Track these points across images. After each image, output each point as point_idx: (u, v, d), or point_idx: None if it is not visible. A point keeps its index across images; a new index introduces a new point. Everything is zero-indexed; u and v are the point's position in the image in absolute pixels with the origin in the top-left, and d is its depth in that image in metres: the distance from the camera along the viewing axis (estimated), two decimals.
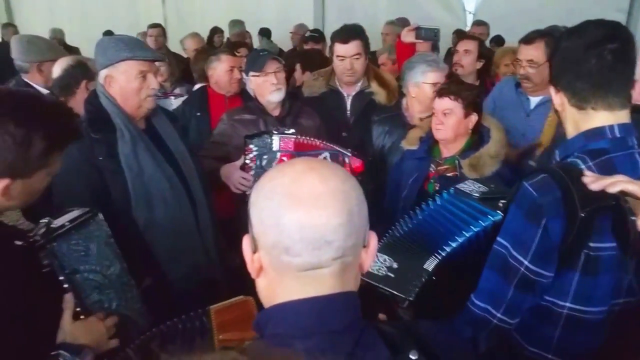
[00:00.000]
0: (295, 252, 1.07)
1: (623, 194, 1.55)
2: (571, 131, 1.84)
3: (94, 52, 2.72)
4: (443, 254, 2.21)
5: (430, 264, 2.21)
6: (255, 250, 1.15)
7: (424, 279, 2.16)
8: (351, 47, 3.78)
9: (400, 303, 2.16)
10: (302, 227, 1.06)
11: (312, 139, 3.00)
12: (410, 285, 2.16)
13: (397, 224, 2.55)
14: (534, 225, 1.69)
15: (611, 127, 1.74)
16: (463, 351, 1.30)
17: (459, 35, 7.43)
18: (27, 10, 10.76)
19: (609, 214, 1.64)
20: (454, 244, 2.20)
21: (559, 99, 1.85)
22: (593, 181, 1.59)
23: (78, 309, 1.88)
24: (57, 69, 3.63)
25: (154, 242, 2.68)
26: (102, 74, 2.67)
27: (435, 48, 5.40)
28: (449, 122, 2.90)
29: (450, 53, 5.89)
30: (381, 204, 3.23)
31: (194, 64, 5.23)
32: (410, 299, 2.13)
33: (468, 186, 2.38)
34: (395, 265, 2.26)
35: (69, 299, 1.85)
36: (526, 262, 1.73)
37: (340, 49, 3.80)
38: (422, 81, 3.32)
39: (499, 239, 1.83)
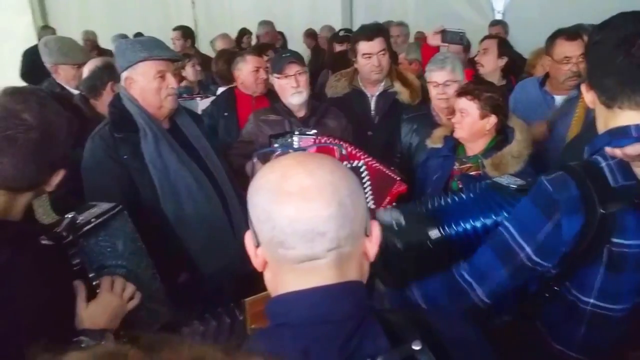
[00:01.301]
0: (289, 245, 1.10)
1: None
2: (601, 128, 1.80)
3: None
4: (449, 232, 2.15)
5: (434, 234, 2.16)
6: (257, 245, 1.18)
7: (422, 239, 2.12)
8: (377, 44, 3.80)
9: (396, 243, 2.13)
10: (292, 220, 1.08)
11: (332, 139, 3.02)
12: (411, 237, 2.13)
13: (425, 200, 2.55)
14: (545, 219, 1.69)
15: (637, 126, 1.67)
16: (475, 344, 1.29)
17: None
18: (61, 13, 10.88)
19: (636, 211, 1.63)
20: (465, 225, 2.14)
21: (590, 96, 1.80)
22: (633, 148, 1.55)
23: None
24: (86, 70, 3.73)
25: (186, 238, 2.71)
26: (123, 76, 2.72)
27: (467, 50, 5.41)
28: (465, 122, 2.92)
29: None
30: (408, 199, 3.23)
31: (213, 68, 5.28)
32: (400, 245, 2.11)
33: (505, 179, 2.36)
34: (402, 222, 2.24)
35: (78, 285, 1.85)
36: (528, 250, 1.73)
37: (365, 46, 3.81)
38: (430, 80, 3.41)
39: (505, 222, 1.83)
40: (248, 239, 1.22)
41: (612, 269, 1.70)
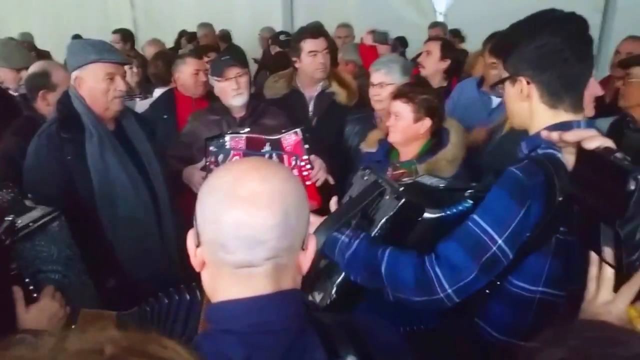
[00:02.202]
0: (230, 250, 1.10)
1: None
2: (536, 126, 1.83)
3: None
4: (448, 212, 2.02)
5: (432, 212, 2.00)
6: (198, 244, 1.18)
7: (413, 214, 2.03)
8: (322, 42, 3.85)
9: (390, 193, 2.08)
10: (238, 225, 1.08)
11: (260, 135, 3.03)
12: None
13: None
14: (518, 206, 1.70)
15: (578, 122, 1.77)
16: (401, 352, 1.32)
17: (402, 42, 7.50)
18: None
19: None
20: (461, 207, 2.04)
21: (526, 90, 1.83)
22: (573, 133, 1.52)
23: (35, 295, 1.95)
24: (28, 73, 3.73)
25: (118, 243, 2.75)
26: (73, 75, 2.78)
27: (394, 49, 5.50)
28: (398, 125, 2.87)
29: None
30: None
31: (150, 69, 5.24)
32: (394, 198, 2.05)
33: (428, 179, 2.28)
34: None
35: (17, 290, 1.90)
36: (500, 241, 1.71)
37: (312, 44, 3.83)
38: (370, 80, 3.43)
39: (475, 217, 1.78)
40: (190, 238, 1.21)
41: (558, 256, 1.74)
